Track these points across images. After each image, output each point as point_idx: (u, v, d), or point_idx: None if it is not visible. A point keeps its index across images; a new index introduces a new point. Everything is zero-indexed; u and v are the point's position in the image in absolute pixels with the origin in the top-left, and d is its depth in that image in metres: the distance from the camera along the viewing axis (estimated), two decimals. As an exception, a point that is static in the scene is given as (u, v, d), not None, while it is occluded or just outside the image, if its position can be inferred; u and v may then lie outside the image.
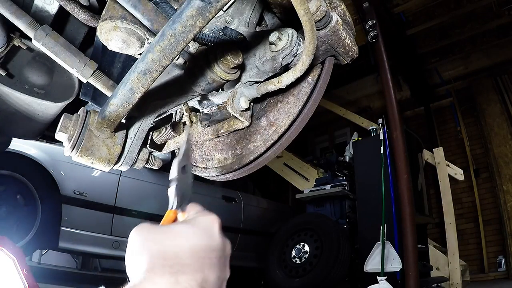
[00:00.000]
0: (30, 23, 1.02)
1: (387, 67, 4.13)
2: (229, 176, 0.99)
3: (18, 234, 2.72)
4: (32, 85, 1.46)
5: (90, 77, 1.05)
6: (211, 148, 1.04)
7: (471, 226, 5.87)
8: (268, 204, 5.45)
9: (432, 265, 4.23)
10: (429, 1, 5.79)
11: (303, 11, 0.61)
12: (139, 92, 0.71)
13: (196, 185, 4.20)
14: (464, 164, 5.97)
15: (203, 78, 0.84)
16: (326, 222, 4.18)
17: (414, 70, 6.55)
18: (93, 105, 1.28)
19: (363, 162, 4.47)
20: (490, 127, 6.08)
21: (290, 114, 0.88)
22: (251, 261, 4.93)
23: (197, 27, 0.60)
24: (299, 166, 5.77)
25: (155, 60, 0.65)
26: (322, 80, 0.89)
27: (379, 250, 3.50)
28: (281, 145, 0.90)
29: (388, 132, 4.13)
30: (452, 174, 4.76)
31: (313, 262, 3.92)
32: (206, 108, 1.03)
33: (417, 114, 7.13)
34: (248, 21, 0.90)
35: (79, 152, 0.83)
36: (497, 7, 5.72)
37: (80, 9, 1.07)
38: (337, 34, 0.79)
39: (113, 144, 0.88)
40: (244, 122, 0.91)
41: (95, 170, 3.23)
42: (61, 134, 0.86)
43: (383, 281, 3.25)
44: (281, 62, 0.81)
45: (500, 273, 5.22)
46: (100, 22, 0.86)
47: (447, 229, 4.49)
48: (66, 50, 1.02)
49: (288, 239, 4.32)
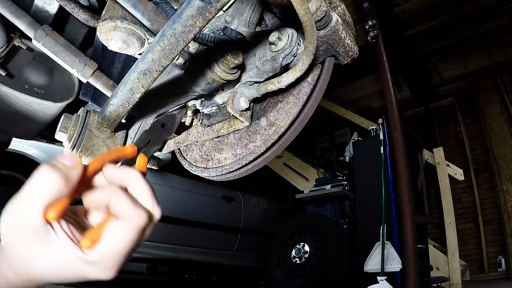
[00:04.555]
0: (30, 23, 1.02)
1: (387, 67, 4.13)
2: (229, 176, 0.99)
3: (18, 234, 2.72)
4: (32, 85, 1.46)
5: (90, 77, 1.06)
6: (211, 148, 1.04)
7: (471, 226, 5.87)
8: (268, 204, 5.45)
9: (432, 265, 4.23)
10: (429, 1, 5.79)
11: (303, 11, 0.61)
12: (139, 92, 0.71)
13: (196, 185, 4.20)
14: (464, 164, 5.97)
15: (203, 78, 0.84)
16: (326, 222, 4.18)
17: (414, 70, 6.55)
18: (93, 105, 1.28)
19: (363, 162, 4.47)
20: (490, 127, 6.08)
21: (290, 114, 0.88)
22: (251, 261, 4.93)
23: (197, 27, 0.60)
24: (299, 166, 5.77)
25: (155, 60, 0.65)
26: (322, 80, 0.89)
27: (379, 250, 3.50)
28: (281, 145, 0.90)
29: (388, 132, 4.13)
30: (452, 174, 4.77)
31: (313, 262, 3.92)
32: (206, 108, 1.03)
33: (417, 114, 7.13)
34: (248, 21, 0.90)
35: (79, 152, 0.83)
36: (497, 7, 5.72)
37: (80, 9, 1.07)
38: (337, 34, 0.79)
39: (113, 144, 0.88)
40: (244, 122, 0.91)
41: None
42: (61, 134, 0.86)
43: (383, 281, 3.24)
44: (281, 62, 0.81)
45: (500, 273, 5.22)
46: (100, 22, 0.86)
47: (447, 229, 4.49)
48: (66, 50, 1.02)
49: (288, 239, 4.32)
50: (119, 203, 0.39)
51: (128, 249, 0.39)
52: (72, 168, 0.40)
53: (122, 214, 0.39)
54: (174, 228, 3.85)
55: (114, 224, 0.39)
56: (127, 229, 0.38)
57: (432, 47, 6.64)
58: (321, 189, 4.78)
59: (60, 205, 0.38)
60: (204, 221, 4.20)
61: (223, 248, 4.54)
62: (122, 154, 0.49)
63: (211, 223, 4.29)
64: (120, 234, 0.38)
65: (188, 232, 4.05)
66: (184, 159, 1.12)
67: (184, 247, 4.07)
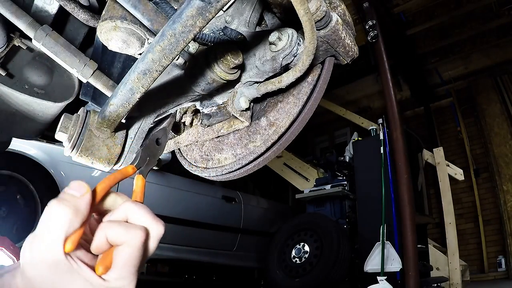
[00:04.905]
0: (30, 23, 1.02)
1: (387, 67, 4.13)
2: (229, 176, 0.99)
3: (18, 234, 2.72)
4: (32, 85, 1.46)
5: (90, 77, 1.05)
6: (211, 148, 1.04)
7: (471, 226, 5.87)
8: (268, 204, 5.45)
9: (432, 265, 4.23)
10: (429, 1, 5.80)
11: (303, 11, 0.61)
12: (139, 92, 0.71)
13: (196, 185, 4.20)
14: (464, 164, 5.97)
15: (203, 78, 0.84)
16: (326, 222, 4.18)
17: (414, 70, 6.55)
18: (93, 105, 1.27)
19: (363, 162, 4.47)
20: (490, 127, 6.08)
21: (290, 114, 0.88)
22: (251, 261, 4.93)
23: (197, 27, 0.60)
24: (299, 166, 5.77)
25: (155, 60, 0.65)
26: (322, 80, 0.89)
27: (379, 250, 3.50)
28: (281, 145, 0.90)
29: (388, 132, 4.13)
30: (452, 174, 4.77)
31: (313, 262, 3.92)
32: (206, 108, 1.03)
33: (417, 114, 7.13)
34: (248, 21, 0.90)
35: (79, 152, 0.83)
36: (497, 7, 5.72)
37: (80, 9, 1.07)
38: (337, 34, 0.79)
39: (113, 144, 0.88)
40: (244, 122, 0.91)
41: (95, 170, 3.23)
42: (61, 134, 0.86)
43: (383, 281, 3.24)
44: (281, 62, 0.81)
45: (500, 273, 5.22)
46: (100, 22, 0.86)
47: (447, 229, 4.49)
48: (66, 50, 1.02)
49: (288, 239, 4.32)
50: (114, 233, 0.43)
51: (138, 265, 0.43)
52: (81, 198, 0.44)
53: (121, 240, 0.43)
54: (174, 228, 3.85)
55: (120, 249, 0.43)
56: (132, 250, 0.43)
57: (432, 47, 6.64)
58: (321, 189, 4.79)
59: (75, 235, 0.41)
60: (204, 221, 4.20)
61: (223, 248, 4.54)
62: (124, 176, 0.53)
63: (211, 223, 4.29)
64: (128, 255, 0.43)
65: (188, 232, 4.05)
66: (184, 159, 1.12)
67: (184, 247, 4.07)
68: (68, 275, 0.41)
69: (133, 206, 0.47)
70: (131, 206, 0.47)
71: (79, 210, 0.42)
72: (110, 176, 0.50)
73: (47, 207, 0.42)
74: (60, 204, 0.42)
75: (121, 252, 0.43)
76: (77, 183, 0.45)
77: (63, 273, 0.40)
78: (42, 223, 0.41)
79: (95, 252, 0.45)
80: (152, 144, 0.61)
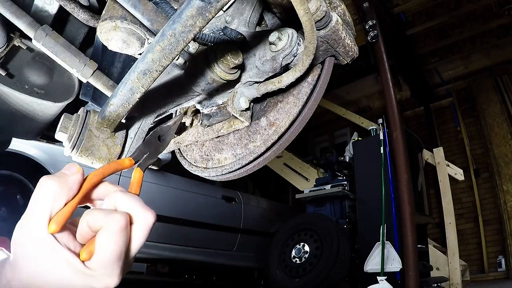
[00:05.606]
0: (30, 23, 1.02)
1: (387, 67, 4.13)
2: (229, 176, 0.99)
3: (18, 234, 2.71)
4: (32, 85, 1.46)
5: (90, 77, 1.05)
6: (211, 148, 1.04)
7: (471, 226, 5.87)
8: (268, 204, 5.45)
9: (432, 265, 4.23)
10: (429, 1, 5.80)
11: (303, 11, 0.61)
12: (139, 92, 0.71)
13: (196, 185, 4.20)
14: (464, 164, 5.98)
15: (203, 78, 0.84)
16: (326, 222, 4.18)
17: (414, 70, 6.55)
18: (93, 105, 1.28)
19: (363, 162, 4.47)
20: (490, 127, 6.08)
21: (290, 114, 0.87)
22: (251, 261, 4.93)
23: (197, 27, 0.60)
24: (299, 166, 5.77)
25: (155, 60, 0.65)
26: (322, 80, 0.89)
27: (379, 250, 3.50)
28: (281, 145, 0.90)
29: (388, 132, 4.13)
30: (452, 174, 4.77)
31: (313, 262, 3.92)
32: (206, 108, 1.03)
33: (417, 114, 7.13)
34: (248, 21, 0.90)
35: (79, 152, 0.83)
36: (497, 7, 5.72)
37: (80, 9, 1.07)
38: (337, 34, 0.79)
39: (113, 144, 0.88)
40: (244, 122, 0.91)
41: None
42: (61, 134, 0.86)
43: (383, 281, 3.25)
44: (281, 62, 0.81)
45: (500, 273, 5.22)
46: (100, 22, 0.86)
47: (447, 229, 4.49)
48: (66, 50, 1.02)
49: (288, 239, 4.32)
50: (94, 218, 0.43)
51: (119, 252, 0.42)
52: (71, 175, 0.44)
53: (100, 225, 0.42)
54: (174, 228, 3.85)
55: (99, 234, 0.42)
56: (110, 234, 0.41)
57: (432, 47, 6.64)
58: (321, 189, 4.79)
59: (60, 216, 0.41)
60: (204, 221, 4.20)
61: (223, 248, 4.54)
62: (120, 167, 0.52)
63: (211, 223, 4.29)
64: (106, 240, 0.41)
65: (188, 232, 4.05)
66: (184, 159, 1.12)
67: (184, 247, 4.07)
68: (51, 253, 0.40)
69: (121, 195, 0.46)
70: (119, 195, 0.46)
71: (66, 185, 0.43)
72: (105, 166, 0.49)
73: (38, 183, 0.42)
74: (47, 179, 0.43)
75: (100, 237, 0.41)
76: (70, 164, 0.46)
77: (45, 251, 0.40)
78: (31, 199, 0.42)
79: (80, 241, 0.44)
80: (154, 140, 0.60)
